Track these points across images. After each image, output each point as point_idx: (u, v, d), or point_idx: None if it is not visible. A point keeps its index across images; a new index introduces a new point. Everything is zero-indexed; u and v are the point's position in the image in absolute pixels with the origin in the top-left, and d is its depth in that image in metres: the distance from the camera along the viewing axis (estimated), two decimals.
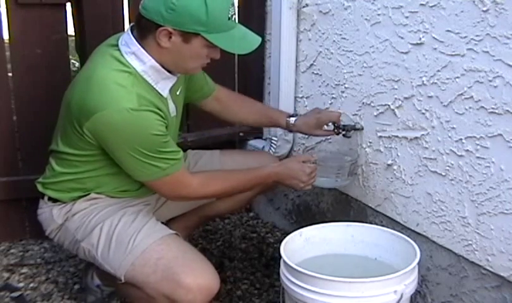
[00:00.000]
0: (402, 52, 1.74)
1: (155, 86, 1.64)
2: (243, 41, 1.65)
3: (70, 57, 2.36)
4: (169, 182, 1.66)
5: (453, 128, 1.61)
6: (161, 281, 1.60)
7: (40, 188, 1.80)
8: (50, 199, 1.78)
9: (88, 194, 1.75)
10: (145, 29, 1.58)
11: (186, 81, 1.88)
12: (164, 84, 1.67)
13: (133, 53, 1.60)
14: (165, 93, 1.67)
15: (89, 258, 1.74)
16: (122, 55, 1.60)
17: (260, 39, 1.68)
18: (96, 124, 1.56)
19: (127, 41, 1.61)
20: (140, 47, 1.60)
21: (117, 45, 1.63)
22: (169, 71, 1.66)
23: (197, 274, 1.61)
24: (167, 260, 1.62)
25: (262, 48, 2.47)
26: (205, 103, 2.03)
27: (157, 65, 1.62)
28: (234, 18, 1.62)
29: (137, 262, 1.63)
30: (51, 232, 1.80)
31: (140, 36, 1.60)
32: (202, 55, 1.62)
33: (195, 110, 2.26)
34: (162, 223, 1.91)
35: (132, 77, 1.59)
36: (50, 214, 1.77)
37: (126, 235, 1.66)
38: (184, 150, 2.05)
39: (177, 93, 1.81)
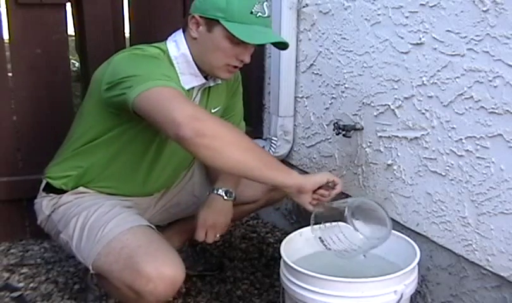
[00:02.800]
0: (402, 52, 1.74)
1: (179, 75, 1.67)
2: (261, 34, 1.63)
3: (70, 57, 2.36)
4: (165, 92, 1.46)
5: (453, 128, 1.61)
6: (123, 270, 1.56)
7: (42, 177, 1.84)
8: (44, 189, 1.81)
9: (77, 187, 1.77)
10: (186, 20, 1.67)
11: (226, 103, 1.90)
12: (188, 79, 1.69)
13: (175, 40, 1.69)
14: (186, 87, 1.68)
15: (68, 250, 1.75)
16: (165, 41, 1.71)
17: (285, 41, 1.67)
18: (111, 63, 1.61)
19: (176, 32, 1.71)
20: (182, 36, 1.68)
21: None
22: (201, 72, 1.69)
23: (159, 263, 1.53)
24: (130, 249, 1.57)
25: (262, 48, 2.48)
26: None
27: (189, 55, 1.67)
28: (260, 16, 1.60)
29: (103, 251, 1.61)
30: (41, 222, 1.84)
31: (184, 28, 1.69)
32: (225, 48, 1.61)
33: None
34: (161, 225, 1.92)
35: (161, 53, 1.66)
36: (41, 205, 1.81)
37: (97, 225, 1.65)
38: None
39: (213, 110, 1.82)
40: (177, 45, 1.68)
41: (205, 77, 1.72)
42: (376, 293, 1.43)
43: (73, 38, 3.38)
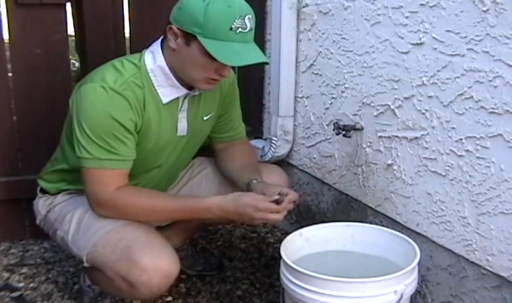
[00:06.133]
0: (402, 52, 1.74)
1: (157, 89, 1.64)
2: (240, 54, 1.53)
3: (70, 57, 2.36)
4: (92, 174, 1.59)
5: (453, 128, 1.61)
6: (118, 261, 1.57)
7: (37, 179, 1.86)
8: (41, 190, 1.84)
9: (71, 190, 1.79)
10: (165, 30, 1.61)
11: (219, 111, 1.87)
12: (168, 91, 1.65)
13: (152, 51, 1.65)
14: (165, 100, 1.66)
15: (64, 246, 1.77)
16: (144, 52, 1.66)
17: (265, 60, 1.60)
18: (76, 95, 1.60)
19: (155, 42, 1.66)
20: (159, 47, 1.64)
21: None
22: (182, 84, 1.65)
23: (155, 255, 1.56)
24: (128, 240, 1.59)
25: (262, 48, 2.48)
26: (217, 146, 1.98)
27: (166, 67, 1.62)
28: (240, 31, 1.52)
29: (99, 243, 1.62)
30: (40, 222, 1.86)
31: (162, 38, 1.64)
32: (203, 64, 1.55)
33: None
34: (161, 225, 1.92)
35: (136, 70, 1.62)
36: (37, 206, 1.84)
37: (94, 219, 1.66)
38: None
39: (204, 118, 1.80)
40: (153, 57, 1.63)
41: (190, 88, 1.68)
42: (376, 293, 1.43)
43: (73, 38, 3.38)
